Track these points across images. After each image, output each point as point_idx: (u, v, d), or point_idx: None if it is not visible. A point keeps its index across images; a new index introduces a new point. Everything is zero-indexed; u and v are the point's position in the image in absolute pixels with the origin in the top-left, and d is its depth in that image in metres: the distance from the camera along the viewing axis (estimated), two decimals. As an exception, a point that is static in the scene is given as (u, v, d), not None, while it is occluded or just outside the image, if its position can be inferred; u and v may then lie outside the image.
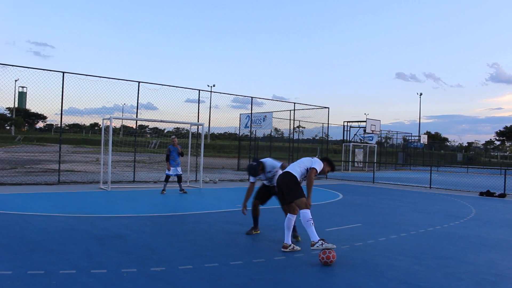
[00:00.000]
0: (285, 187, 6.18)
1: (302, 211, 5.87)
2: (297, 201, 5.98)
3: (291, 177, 6.15)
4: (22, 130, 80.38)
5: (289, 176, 6.17)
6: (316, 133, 29.50)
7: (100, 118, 15.70)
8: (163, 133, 26.34)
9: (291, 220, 6.26)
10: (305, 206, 5.90)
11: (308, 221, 5.77)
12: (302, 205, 5.92)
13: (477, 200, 14.86)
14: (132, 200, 11.45)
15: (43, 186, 13.60)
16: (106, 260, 5.33)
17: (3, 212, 8.59)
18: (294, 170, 6.21)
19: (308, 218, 5.79)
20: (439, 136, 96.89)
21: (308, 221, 5.78)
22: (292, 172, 6.18)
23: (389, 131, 44.67)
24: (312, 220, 5.81)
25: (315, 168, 6.16)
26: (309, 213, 5.83)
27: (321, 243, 5.59)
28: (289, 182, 6.14)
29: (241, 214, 7.35)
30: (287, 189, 6.15)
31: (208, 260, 5.52)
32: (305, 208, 5.87)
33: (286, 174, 6.22)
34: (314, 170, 6.14)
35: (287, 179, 6.17)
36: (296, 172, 6.18)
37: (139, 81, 16.73)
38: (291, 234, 6.37)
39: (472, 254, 6.54)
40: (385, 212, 10.85)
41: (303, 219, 5.82)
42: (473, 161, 65.27)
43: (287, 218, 6.30)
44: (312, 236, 5.72)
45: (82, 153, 36.71)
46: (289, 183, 6.14)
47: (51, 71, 14.62)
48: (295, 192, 6.04)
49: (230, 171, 25.42)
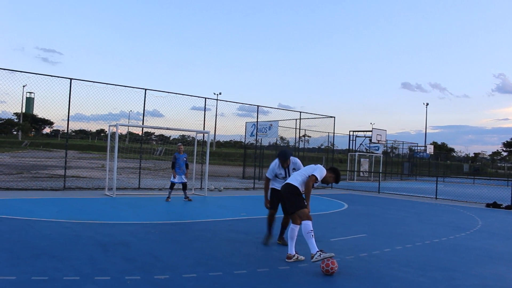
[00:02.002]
0: (287, 199, 6.19)
1: (304, 222, 5.83)
2: (299, 212, 5.96)
3: (292, 188, 6.13)
4: (29, 135, 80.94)
5: (290, 187, 6.15)
6: (322, 142, 29.44)
7: (106, 124, 15.78)
8: (168, 140, 26.40)
9: (294, 231, 6.21)
10: (307, 217, 5.86)
11: (309, 233, 5.74)
12: (304, 216, 5.89)
13: (483, 211, 14.73)
14: (137, 207, 11.45)
15: (48, 191, 13.66)
16: (110, 267, 5.33)
17: (9, 217, 8.62)
18: (296, 180, 6.18)
19: (309, 230, 5.75)
20: (446, 147, 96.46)
21: (308, 233, 5.74)
22: (293, 183, 6.15)
23: (395, 141, 44.62)
24: (313, 232, 5.77)
25: (315, 175, 6.12)
26: (311, 225, 5.79)
27: (319, 254, 5.57)
28: (290, 193, 6.12)
29: (246, 222, 7.36)
30: (288, 200, 6.15)
31: (212, 269, 5.50)
32: (306, 220, 5.83)
33: (288, 185, 6.20)
34: (313, 177, 6.09)
35: (288, 190, 6.15)
36: (297, 182, 6.14)
37: (145, 88, 16.81)
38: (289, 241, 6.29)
39: (478, 266, 6.48)
40: (390, 223, 10.78)
41: (304, 231, 5.78)
42: (480, 172, 64.82)
43: (290, 229, 6.27)
44: (312, 248, 5.69)
45: (88, 159, 36.85)
46: (290, 194, 6.12)
47: (59, 77, 14.74)
48: (296, 202, 6.02)
49: (235, 179, 25.41)
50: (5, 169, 21.00)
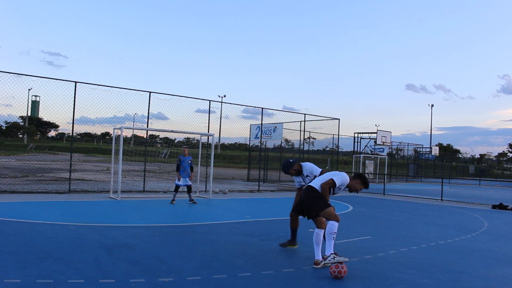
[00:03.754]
0: (308, 202, 6.08)
1: (330, 223, 5.79)
2: (325, 213, 5.89)
3: (312, 190, 6.06)
4: (34, 138, 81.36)
5: (310, 189, 6.09)
6: (327, 144, 29.41)
7: (111, 127, 15.90)
8: (173, 143, 26.56)
9: (319, 235, 6.00)
10: (335, 217, 5.81)
11: (331, 234, 5.71)
12: (332, 216, 5.84)
13: (489, 213, 14.65)
14: (141, 210, 11.47)
15: (53, 194, 13.71)
16: (114, 270, 5.33)
17: (14, 220, 8.66)
18: (316, 184, 6.12)
19: (333, 231, 5.72)
20: (451, 148, 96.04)
21: (331, 233, 5.71)
22: (314, 186, 6.09)
23: (400, 143, 44.38)
24: (335, 235, 5.73)
25: (333, 179, 6.04)
26: (336, 227, 5.76)
27: (332, 256, 5.52)
28: (311, 196, 6.04)
29: (250, 225, 7.36)
30: (310, 204, 6.05)
31: (216, 271, 5.49)
32: (334, 220, 5.79)
33: (308, 188, 6.13)
34: (330, 180, 6.02)
35: (309, 194, 6.08)
36: (317, 185, 6.08)
37: (150, 91, 16.86)
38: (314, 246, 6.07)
39: (484, 268, 6.44)
40: (395, 225, 10.74)
41: (328, 230, 5.74)
42: (486, 173, 64.48)
43: (315, 233, 6.06)
44: (328, 249, 5.64)
45: (93, 162, 36.93)
46: (311, 197, 6.04)
47: (64, 80, 14.82)
48: (319, 204, 5.95)
49: (240, 182, 25.41)
50: (11, 172, 21.12)
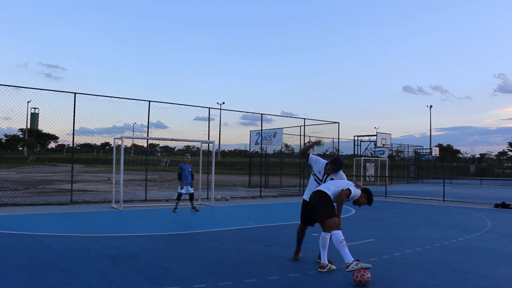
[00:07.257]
0: (316, 206, 6.06)
1: (334, 232, 5.73)
2: (329, 221, 5.86)
3: (323, 195, 6.02)
4: (34, 150, 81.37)
5: (321, 194, 6.05)
6: (327, 148, 29.33)
7: (111, 137, 15.94)
8: (173, 151, 26.52)
9: (325, 239, 5.98)
10: (337, 227, 5.77)
11: (341, 243, 5.62)
12: (334, 226, 5.79)
13: (492, 212, 14.63)
14: (144, 219, 11.46)
15: (56, 206, 13.69)
16: (119, 280, 5.32)
17: (17, 233, 8.64)
18: (328, 189, 6.07)
19: (341, 239, 5.64)
20: (451, 148, 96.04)
21: (340, 242, 5.62)
22: (325, 190, 6.06)
23: (400, 145, 44.36)
24: (345, 241, 5.66)
25: (351, 189, 6.02)
26: (341, 234, 5.70)
27: (355, 263, 5.38)
28: (321, 201, 6.01)
29: (254, 231, 7.34)
30: (318, 208, 6.02)
31: (222, 279, 5.48)
32: (336, 229, 5.74)
33: (318, 192, 6.10)
34: (348, 191, 5.99)
35: (319, 198, 6.04)
36: (329, 191, 6.04)
37: (149, 100, 16.89)
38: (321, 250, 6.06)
39: (490, 267, 6.42)
40: (399, 227, 10.72)
41: (335, 241, 5.68)
42: (487, 173, 64.40)
43: (321, 237, 6.04)
44: (346, 257, 5.52)
45: (93, 173, 36.92)
46: (320, 202, 6.01)
47: (63, 92, 14.84)
48: (326, 210, 5.92)
49: (241, 188, 25.39)
50: (12, 185, 21.09)
